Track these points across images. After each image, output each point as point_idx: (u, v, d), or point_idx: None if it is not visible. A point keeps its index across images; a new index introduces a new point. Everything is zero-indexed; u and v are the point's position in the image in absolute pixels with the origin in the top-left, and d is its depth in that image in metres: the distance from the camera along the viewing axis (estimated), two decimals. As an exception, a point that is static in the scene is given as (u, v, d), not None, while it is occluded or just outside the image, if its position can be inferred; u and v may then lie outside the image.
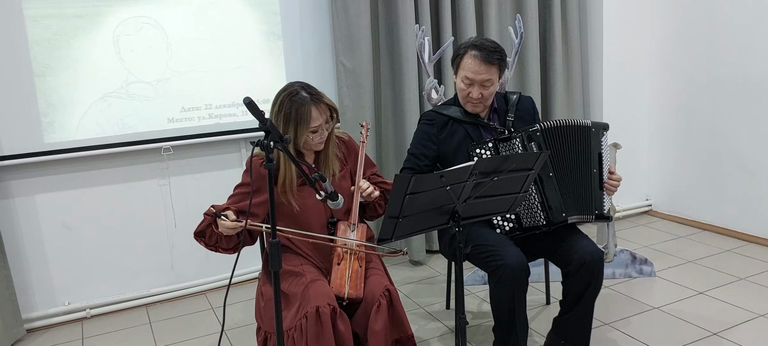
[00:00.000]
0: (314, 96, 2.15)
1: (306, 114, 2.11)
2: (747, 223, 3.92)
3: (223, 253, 2.22)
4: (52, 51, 3.08)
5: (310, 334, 1.98)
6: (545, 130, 2.37)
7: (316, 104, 2.14)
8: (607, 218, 2.45)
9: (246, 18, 3.46)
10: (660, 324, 2.87)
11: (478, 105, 2.45)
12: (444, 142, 2.50)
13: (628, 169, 4.40)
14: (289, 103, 2.12)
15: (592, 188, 2.40)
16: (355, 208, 2.26)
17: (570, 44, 4.21)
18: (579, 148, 2.40)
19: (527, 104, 2.61)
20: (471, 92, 2.40)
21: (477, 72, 2.35)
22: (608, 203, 2.44)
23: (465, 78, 2.40)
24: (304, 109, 2.11)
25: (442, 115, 2.51)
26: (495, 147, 2.38)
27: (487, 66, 2.35)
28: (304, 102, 2.12)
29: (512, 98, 2.58)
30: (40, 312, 3.26)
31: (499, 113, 2.54)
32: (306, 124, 2.12)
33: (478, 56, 2.35)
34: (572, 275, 2.31)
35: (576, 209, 2.38)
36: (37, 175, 3.18)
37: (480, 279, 3.44)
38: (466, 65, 2.38)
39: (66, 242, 3.28)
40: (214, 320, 3.23)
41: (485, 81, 2.37)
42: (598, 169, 2.41)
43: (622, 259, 3.42)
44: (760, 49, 3.69)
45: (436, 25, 3.83)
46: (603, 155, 2.42)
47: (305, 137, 2.15)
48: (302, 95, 2.13)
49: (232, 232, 2.06)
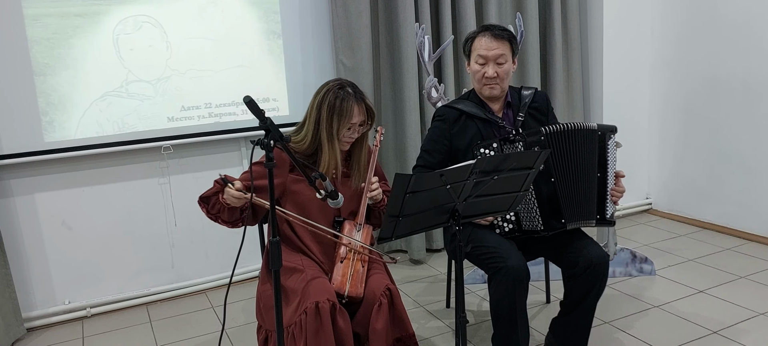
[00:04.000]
0: (358, 95, 2.23)
1: (349, 109, 2.18)
2: (747, 221, 3.92)
3: (223, 225, 2.24)
4: (52, 50, 3.08)
5: (310, 329, 1.98)
6: (549, 135, 2.33)
7: (359, 103, 2.21)
8: (610, 222, 2.41)
9: (246, 17, 3.46)
10: (660, 323, 2.87)
11: (495, 87, 2.42)
12: (456, 137, 2.47)
13: (628, 168, 4.38)
14: (334, 95, 2.19)
15: (595, 193, 2.37)
16: (363, 208, 2.27)
17: (570, 43, 4.21)
18: (584, 152, 2.36)
19: (541, 101, 2.57)
20: (486, 71, 2.40)
21: (490, 48, 2.38)
22: (612, 208, 2.40)
23: (479, 57, 2.41)
24: (347, 103, 2.18)
25: (454, 109, 2.49)
26: (500, 148, 2.36)
27: (499, 41, 2.39)
28: (348, 97, 2.19)
29: (525, 95, 2.54)
30: (40, 311, 3.26)
31: (512, 109, 2.52)
32: (347, 119, 2.18)
33: (488, 34, 2.41)
34: (577, 276, 2.28)
35: (578, 214, 2.34)
36: (37, 174, 3.18)
37: (480, 278, 3.44)
38: (478, 45, 2.42)
39: (66, 241, 3.28)
40: (214, 318, 3.24)
41: (499, 57, 2.39)
42: (603, 174, 2.38)
43: (623, 257, 3.42)
44: (760, 48, 3.69)
45: (436, 24, 3.83)
46: (609, 159, 2.39)
47: (343, 131, 2.20)
48: (348, 90, 2.21)
49: (236, 202, 2.10)
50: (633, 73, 4.39)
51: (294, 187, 2.24)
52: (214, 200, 2.19)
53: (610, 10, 4.21)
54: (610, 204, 2.39)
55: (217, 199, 2.17)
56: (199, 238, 3.57)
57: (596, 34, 4.29)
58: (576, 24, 4.20)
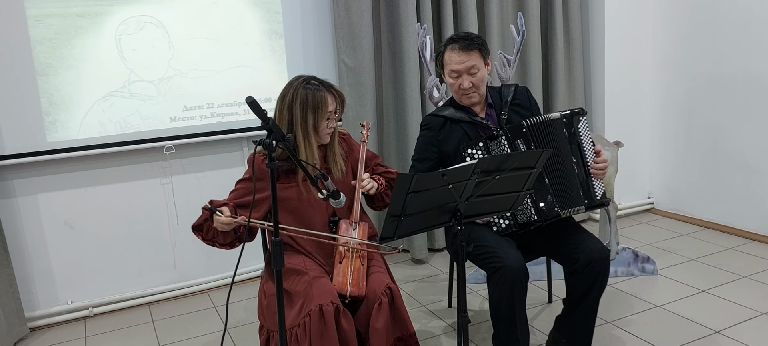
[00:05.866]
0: (325, 84, 2.24)
1: (322, 99, 2.19)
2: (749, 220, 3.91)
3: (221, 248, 2.25)
4: (54, 50, 3.08)
5: (314, 332, 1.98)
6: (530, 126, 2.36)
7: (329, 91, 2.23)
8: (600, 204, 2.39)
9: (248, 17, 3.47)
10: (662, 322, 2.87)
11: (472, 95, 2.46)
12: (444, 143, 2.50)
13: (630, 167, 4.41)
14: (304, 91, 2.19)
15: (577, 179, 2.37)
16: (357, 206, 2.27)
17: (572, 42, 4.21)
18: (557, 141, 2.36)
19: (522, 97, 2.59)
20: (461, 83, 2.43)
21: (459, 61, 2.40)
22: (600, 189, 2.38)
23: (451, 72, 2.44)
24: (319, 93, 2.19)
25: (439, 117, 2.53)
26: (486, 147, 2.38)
27: (467, 53, 2.39)
28: (318, 88, 2.20)
29: (507, 92, 2.57)
30: (42, 311, 3.27)
31: (495, 109, 2.54)
32: (323, 109, 2.19)
33: (456, 47, 2.41)
34: (578, 273, 2.30)
35: (566, 202, 2.35)
36: (40, 174, 3.19)
37: (482, 278, 3.44)
38: (449, 60, 2.44)
39: (68, 241, 3.29)
40: (216, 318, 3.24)
41: (470, 68, 2.40)
42: (580, 158, 2.37)
43: (624, 257, 3.42)
44: (762, 46, 3.68)
45: (438, 24, 3.83)
46: (582, 142, 2.37)
47: (322, 123, 2.21)
48: (314, 83, 2.22)
49: (227, 228, 2.10)
50: (634, 72, 4.38)
51: (282, 195, 2.23)
52: (207, 227, 2.20)
53: (611, 9, 4.20)
54: (597, 183, 2.38)
55: (209, 225, 2.17)
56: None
57: (598, 33, 4.29)
58: (577, 23, 4.19)
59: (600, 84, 4.33)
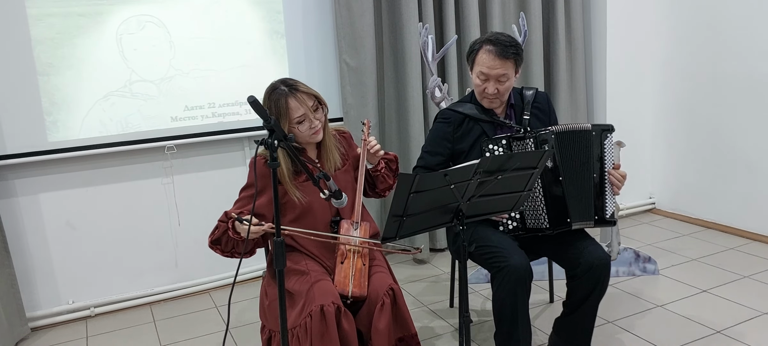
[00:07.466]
0: (291, 87, 2.19)
1: (284, 106, 2.15)
2: (750, 221, 3.91)
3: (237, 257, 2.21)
4: (55, 50, 3.08)
5: (315, 332, 1.98)
6: (558, 134, 2.34)
7: (293, 95, 2.17)
8: (609, 222, 2.39)
9: (249, 16, 3.46)
10: (663, 322, 2.86)
11: (494, 101, 2.43)
12: (459, 140, 2.47)
13: (631, 168, 4.38)
14: (268, 100, 2.19)
15: (592, 194, 2.37)
16: (358, 205, 2.27)
17: (573, 42, 4.20)
18: (583, 152, 2.37)
19: (543, 101, 2.58)
20: (487, 88, 2.38)
21: (492, 66, 2.33)
22: (612, 207, 2.39)
23: (480, 73, 2.37)
24: (281, 101, 2.16)
25: (458, 113, 2.50)
26: (508, 144, 2.36)
27: (502, 60, 2.33)
28: (281, 95, 2.17)
29: (528, 94, 2.54)
30: (44, 311, 3.27)
31: (515, 110, 2.52)
32: (286, 116, 2.16)
33: (493, 51, 2.33)
34: (578, 277, 2.29)
35: (579, 214, 2.35)
36: (41, 174, 3.19)
37: (484, 278, 3.44)
38: (481, 60, 2.36)
39: (70, 241, 3.29)
40: (218, 318, 3.24)
41: (501, 76, 2.35)
42: (599, 174, 2.37)
43: (626, 257, 3.42)
44: (763, 47, 3.68)
45: (440, 24, 3.83)
46: (605, 158, 2.39)
47: (292, 129, 2.18)
48: (280, 89, 2.18)
49: (256, 235, 2.09)
50: (636, 73, 4.38)
51: (284, 199, 2.23)
52: (226, 239, 2.17)
53: (613, 9, 4.20)
54: (609, 201, 2.38)
55: (228, 237, 2.15)
56: (202, 237, 3.54)
57: (600, 33, 4.28)
58: (579, 23, 4.19)
59: (601, 84, 4.33)
